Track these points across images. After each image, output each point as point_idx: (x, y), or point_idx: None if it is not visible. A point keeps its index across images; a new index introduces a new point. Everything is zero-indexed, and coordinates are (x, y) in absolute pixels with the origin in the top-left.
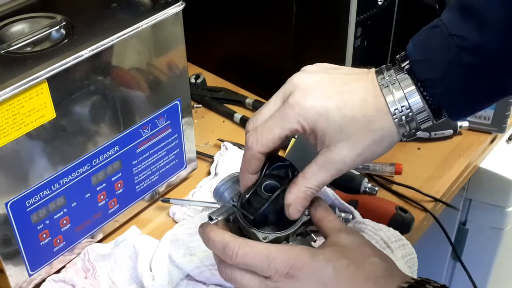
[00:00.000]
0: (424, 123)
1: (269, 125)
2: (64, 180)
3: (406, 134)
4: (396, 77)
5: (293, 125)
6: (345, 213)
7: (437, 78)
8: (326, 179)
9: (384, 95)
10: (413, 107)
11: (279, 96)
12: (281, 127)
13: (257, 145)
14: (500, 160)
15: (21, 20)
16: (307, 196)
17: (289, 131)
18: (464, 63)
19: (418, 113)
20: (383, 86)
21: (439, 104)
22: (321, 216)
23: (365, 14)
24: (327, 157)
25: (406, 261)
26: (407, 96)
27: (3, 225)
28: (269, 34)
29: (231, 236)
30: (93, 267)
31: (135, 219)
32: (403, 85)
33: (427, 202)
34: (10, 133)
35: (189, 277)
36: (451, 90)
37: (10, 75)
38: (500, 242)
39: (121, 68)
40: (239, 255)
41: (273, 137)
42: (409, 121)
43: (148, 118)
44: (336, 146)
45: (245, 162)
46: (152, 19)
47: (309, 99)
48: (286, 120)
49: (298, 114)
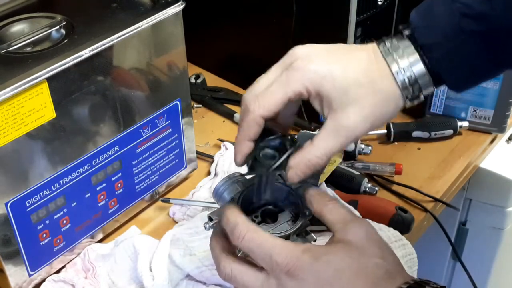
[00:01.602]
0: (426, 89)
1: (272, 89)
2: (64, 180)
3: (410, 97)
4: (398, 43)
5: (297, 87)
6: None
7: (437, 43)
8: (335, 146)
9: (386, 60)
10: (415, 70)
11: (278, 66)
12: (285, 90)
13: (259, 108)
14: (500, 160)
15: (21, 20)
16: (310, 164)
17: (293, 94)
18: (467, 30)
19: (420, 76)
20: (385, 52)
21: (437, 69)
22: (320, 208)
23: (365, 14)
24: (336, 122)
25: (406, 261)
26: (409, 60)
27: (3, 225)
28: (269, 34)
29: (245, 220)
30: (93, 267)
31: (135, 219)
32: (404, 50)
33: (427, 202)
34: (10, 133)
35: (189, 277)
36: (451, 55)
37: (10, 75)
38: (500, 242)
39: (121, 68)
40: (246, 239)
41: (276, 100)
42: (412, 84)
43: (148, 118)
44: (344, 111)
45: (244, 127)
46: (152, 19)
47: (313, 64)
48: (290, 83)
49: (302, 77)
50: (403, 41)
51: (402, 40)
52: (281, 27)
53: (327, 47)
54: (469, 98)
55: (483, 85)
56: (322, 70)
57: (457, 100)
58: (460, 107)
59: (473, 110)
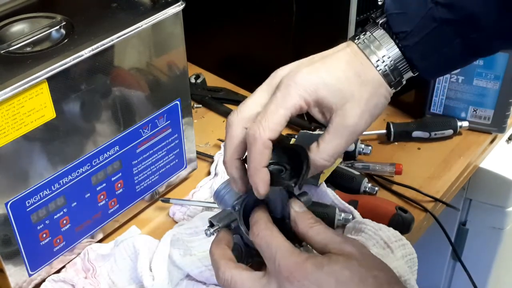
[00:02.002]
0: (405, 73)
1: (272, 109)
2: (64, 180)
3: (393, 83)
4: (373, 34)
5: (296, 101)
6: (345, 213)
7: (410, 31)
8: (340, 147)
9: (364, 53)
10: (392, 57)
11: (264, 89)
12: (285, 106)
13: (265, 132)
14: (500, 160)
15: (21, 20)
16: (318, 166)
17: (294, 109)
18: (438, 18)
19: (398, 62)
20: (362, 46)
21: (411, 57)
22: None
23: (365, 14)
24: (338, 122)
25: (406, 261)
26: (386, 48)
27: (3, 225)
28: (269, 34)
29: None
30: (93, 267)
31: (135, 219)
32: (380, 40)
33: (427, 202)
34: (10, 133)
35: (189, 277)
36: (424, 43)
37: (10, 75)
38: (500, 242)
39: (121, 68)
40: (260, 236)
41: (280, 119)
42: (392, 71)
43: (148, 118)
44: (344, 109)
45: (256, 155)
46: (152, 19)
47: (301, 75)
48: (288, 98)
49: (297, 90)
50: (377, 30)
51: (377, 30)
52: (281, 27)
53: (306, 60)
54: (469, 98)
55: (483, 85)
56: (312, 78)
57: (457, 100)
58: (460, 107)
59: (473, 110)
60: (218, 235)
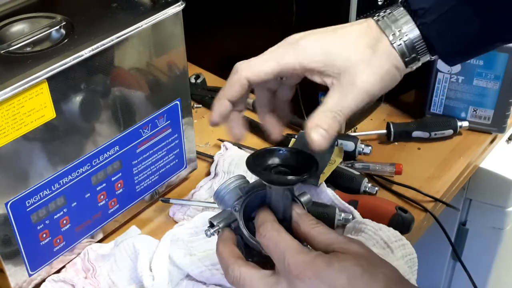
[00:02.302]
0: (423, 55)
1: (266, 56)
2: (64, 180)
3: (407, 60)
4: (393, 12)
5: (291, 61)
6: (345, 213)
7: (429, 8)
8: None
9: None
10: (411, 36)
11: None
12: (278, 60)
13: (247, 70)
14: (500, 160)
15: (21, 20)
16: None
17: (286, 67)
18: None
19: (415, 40)
20: (381, 22)
21: (428, 35)
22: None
23: (365, 14)
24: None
25: (406, 261)
26: (404, 27)
27: (3, 225)
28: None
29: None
30: (93, 267)
31: (135, 219)
32: (400, 18)
33: (427, 202)
34: (10, 133)
35: (189, 277)
36: (441, 21)
37: (10, 75)
38: (500, 242)
39: (121, 68)
40: (267, 236)
41: (267, 68)
42: (408, 47)
43: (148, 118)
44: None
45: (227, 86)
46: (152, 19)
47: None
48: (285, 56)
49: (296, 51)
50: (398, 9)
51: (397, 9)
52: (281, 27)
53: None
54: (469, 98)
55: (483, 85)
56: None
57: (457, 100)
58: (460, 107)
59: (473, 110)
60: (223, 235)
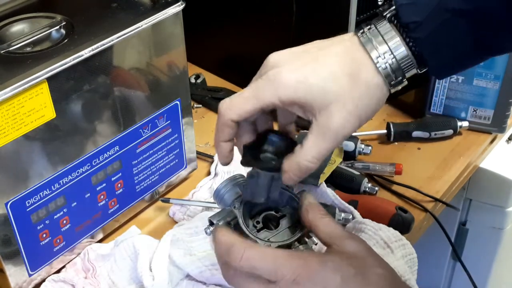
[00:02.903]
0: (409, 70)
1: (245, 95)
2: (64, 180)
3: (393, 83)
4: (378, 28)
5: (269, 99)
6: (345, 213)
7: (421, 22)
8: (323, 150)
9: (365, 48)
10: (396, 55)
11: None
12: (257, 97)
13: (230, 112)
14: (500, 160)
15: (21, 20)
16: (301, 168)
17: (265, 105)
18: (450, 8)
19: (402, 60)
20: (364, 40)
21: (422, 50)
22: (314, 219)
23: (365, 14)
24: (321, 124)
25: (406, 261)
26: (389, 44)
27: (3, 225)
28: (269, 34)
29: (238, 238)
30: (93, 267)
31: (135, 219)
32: (384, 35)
33: (427, 202)
34: (10, 133)
35: (189, 277)
36: (434, 36)
37: (10, 75)
38: (500, 242)
39: (121, 68)
40: (244, 258)
41: (246, 108)
42: (394, 70)
43: (148, 118)
44: (327, 110)
45: (217, 130)
46: (152, 19)
47: (284, 73)
48: (262, 92)
49: (274, 87)
50: (383, 25)
51: (382, 24)
52: (281, 27)
53: (301, 49)
54: (469, 98)
55: (483, 85)
56: (294, 77)
57: (457, 100)
58: (460, 107)
59: (473, 110)
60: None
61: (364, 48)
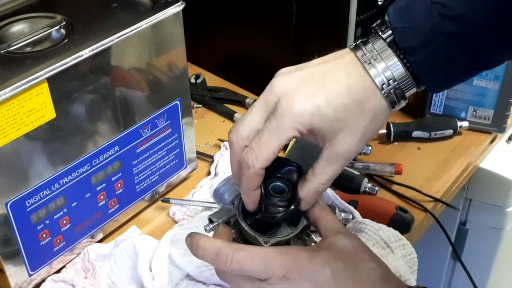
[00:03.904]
0: (408, 90)
1: (265, 139)
2: (64, 180)
3: (396, 106)
4: (376, 50)
5: (290, 133)
6: (345, 213)
7: (418, 46)
8: (335, 172)
9: (367, 71)
10: (396, 76)
11: (261, 105)
12: (279, 138)
13: (257, 161)
14: (500, 160)
15: (21, 20)
16: (317, 192)
17: (287, 140)
18: (446, 32)
19: (401, 80)
20: (366, 63)
21: (418, 73)
22: (319, 214)
23: (365, 14)
24: (332, 151)
25: (406, 261)
26: (389, 66)
27: (3, 225)
28: (269, 34)
29: (223, 242)
30: (93, 267)
31: (135, 219)
32: (384, 57)
33: (427, 202)
34: (10, 133)
35: (189, 277)
36: (431, 58)
37: (10, 75)
38: (500, 242)
39: (121, 68)
40: (234, 261)
41: (273, 150)
42: (396, 91)
43: (148, 118)
44: (338, 138)
45: (247, 180)
46: (152, 19)
47: (297, 103)
48: (282, 130)
49: (291, 121)
50: (382, 48)
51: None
52: (281, 27)
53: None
54: (469, 98)
55: (483, 85)
56: (308, 107)
57: (457, 100)
58: (460, 107)
59: (473, 110)
60: (217, 230)
61: (368, 74)
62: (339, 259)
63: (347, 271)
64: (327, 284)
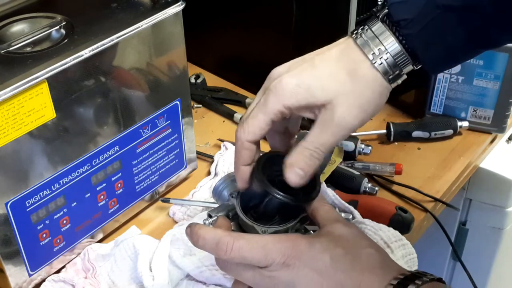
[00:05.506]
0: (405, 66)
1: (254, 114)
2: (64, 180)
3: (391, 77)
4: (372, 28)
5: (275, 107)
6: (345, 213)
7: (412, 19)
8: (329, 140)
9: (361, 48)
10: (391, 52)
11: (261, 92)
12: (264, 111)
13: (244, 134)
14: (500, 160)
15: (21, 20)
16: (309, 157)
17: (274, 115)
18: (440, 4)
19: (396, 56)
20: (360, 42)
21: (413, 46)
22: (316, 205)
23: (365, 14)
24: (323, 117)
25: (406, 261)
26: (382, 41)
27: (3, 225)
28: (269, 34)
29: (223, 231)
30: (93, 267)
31: (135, 219)
32: (377, 32)
33: (427, 202)
34: (10, 133)
35: (189, 277)
36: (426, 32)
37: (10, 75)
38: (500, 242)
39: (121, 68)
40: (235, 249)
41: (259, 124)
42: (390, 65)
43: (148, 118)
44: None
45: (236, 154)
46: (152, 19)
47: (284, 79)
48: (268, 105)
49: (278, 96)
50: (375, 25)
51: (375, 24)
52: (281, 27)
53: (296, 60)
54: (469, 98)
55: (483, 85)
56: (293, 81)
57: (457, 100)
58: (460, 107)
59: (473, 110)
60: (217, 222)
61: (359, 47)
62: (338, 245)
63: (346, 256)
64: (326, 269)
